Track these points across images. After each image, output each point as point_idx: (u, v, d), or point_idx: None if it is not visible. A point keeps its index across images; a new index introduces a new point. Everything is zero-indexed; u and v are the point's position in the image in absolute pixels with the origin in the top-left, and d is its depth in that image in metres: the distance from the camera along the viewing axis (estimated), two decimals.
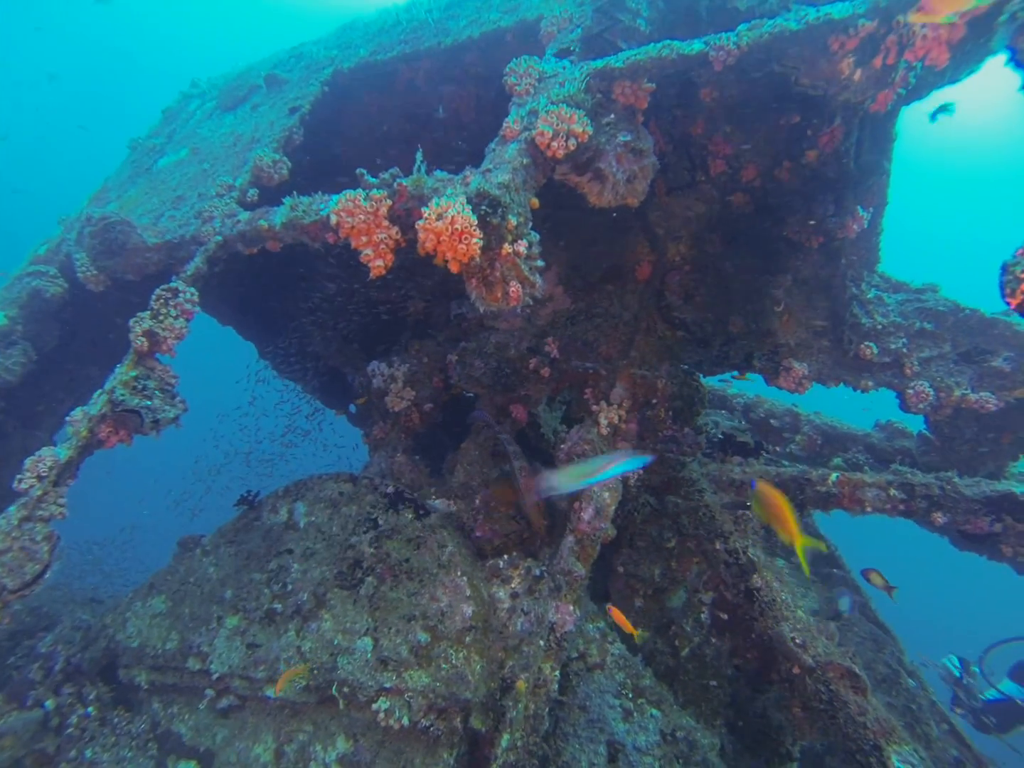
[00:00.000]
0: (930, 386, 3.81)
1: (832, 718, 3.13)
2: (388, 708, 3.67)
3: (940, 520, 3.40)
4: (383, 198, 3.08)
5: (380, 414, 5.26)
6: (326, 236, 3.43)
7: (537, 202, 3.04)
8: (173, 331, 3.62)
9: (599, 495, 3.89)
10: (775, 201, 4.07)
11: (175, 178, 5.18)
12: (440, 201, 2.75)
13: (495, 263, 2.86)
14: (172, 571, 4.77)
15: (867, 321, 3.82)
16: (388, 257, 3.13)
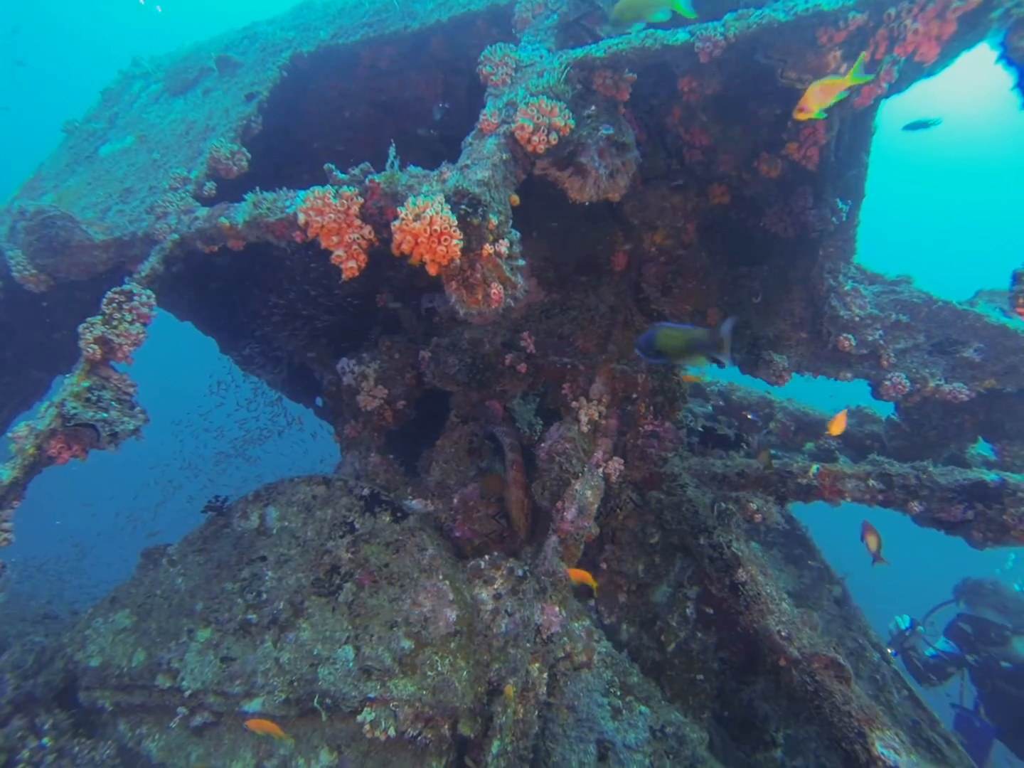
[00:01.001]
0: (907, 377, 3.87)
1: (817, 707, 3.18)
2: (373, 719, 3.58)
3: (916, 509, 3.48)
4: (354, 195, 2.91)
5: (351, 412, 5.09)
6: (293, 235, 3.25)
7: (517, 199, 2.92)
8: (129, 337, 3.40)
9: (582, 493, 3.84)
10: (752, 192, 4.04)
11: (121, 168, 4.85)
12: (417, 200, 2.61)
13: (476, 264, 2.74)
14: (136, 583, 4.56)
15: (845, 313, 3.84)
16: (361, 258, 2.97)
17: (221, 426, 11.29)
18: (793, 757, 3.53)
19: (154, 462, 12.66)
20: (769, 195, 3.93)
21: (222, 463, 11.59)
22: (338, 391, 5.14)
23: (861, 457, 5.36)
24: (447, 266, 2.67)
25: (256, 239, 3.44)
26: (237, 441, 10.71)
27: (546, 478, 3.95)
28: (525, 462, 5.52)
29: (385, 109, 5.51)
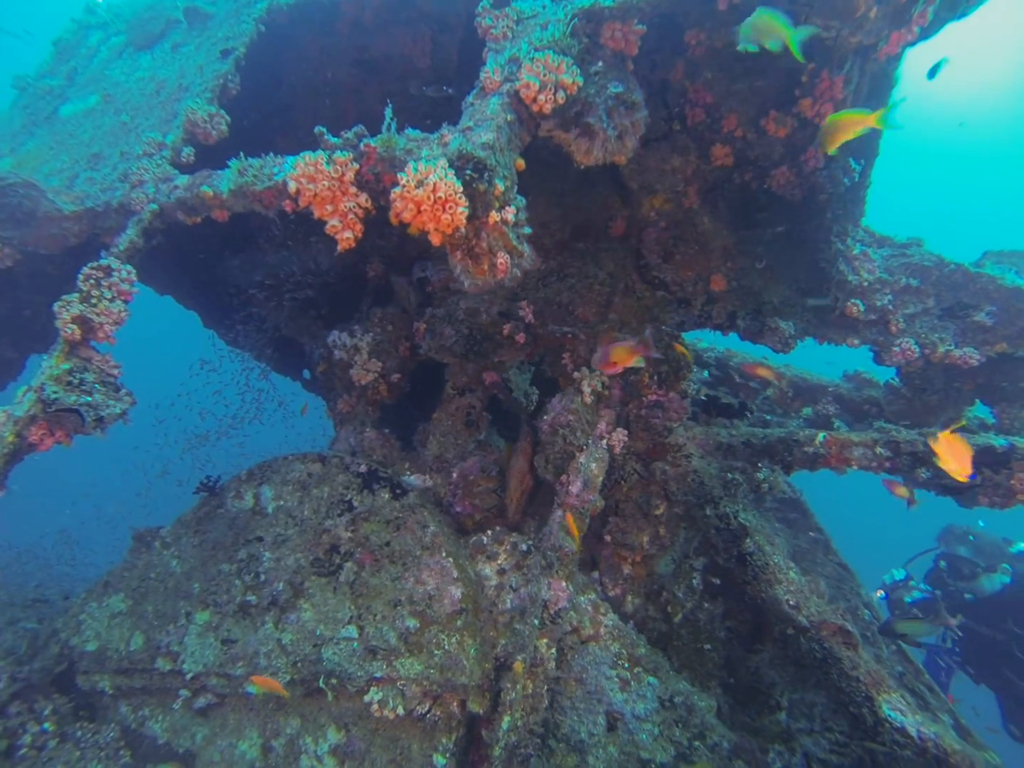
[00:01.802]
0: (916, 343, 3.81)
1: (826, 673, 3.20)
2: (381, 698, 3.55)
3: (923, 476, 3.46)
4: (348, 161, 2.72)
5: (344, 387, 4.95)
6: (282, 204, 3.06)
7: (523, 163, 2.75)
8: (110, 316, 3.21)
9: (586, 466, 3.78)
10: (758, 153, 3.88)
11: (87, 131, 4.52)
12: (419, 165, 2.44)
13: (481, 233, 2.59)
14: (129, 567, 4.45)
15: (854, 278, 3.75)
16: (357, 228, 2.80)
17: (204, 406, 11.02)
18: (797, 720, 3.57)
19: (137, 444, 12.37)
20: (775, 156, 3.78)
21: (205, 445, 11.35)
22: (329, 365, 4.98)
23: (859, 422, 5.36)
24: (452, 235, 2.51)
25: (242, 209, 3.23)
26: (224, 420, 10.46)
27: (549, 451, 3.87)
28: (510, 426, 5.43)
29: (369, 69, 5.21)
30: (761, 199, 4.11)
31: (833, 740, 3.05)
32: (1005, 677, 6.22)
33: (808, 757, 3.05)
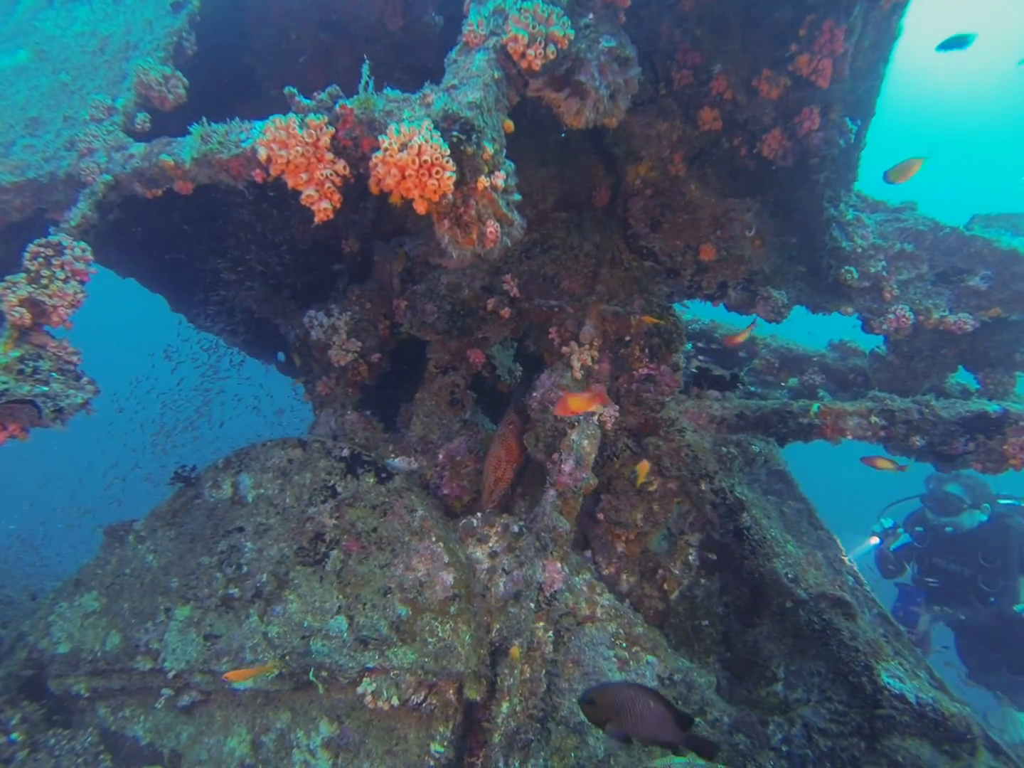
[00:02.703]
0: (910, 309, 3.76)
1: (824, 644, 3.18)
2: (375, 689, 3.44)
3: (918, 443, 3.44)
4: (323, 124, 2.51)
5: (322, 368, 4.74)
6: (252, 173, 2.82)
7: (512, 125, 2.57)
8: (64, 298, 2.96)
9: (578, 444, 3.67)
10: (747, 116, 3.73)
11: (20, 92, 4.13)
12: (401, 127, 2.24)
13: (470, 200, 2.41)
14: (102, 563, 4.24)
15: (847, 244, 3.66)
16: (335, 197, 2.60)
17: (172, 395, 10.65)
18: (794, 690, 3.57)
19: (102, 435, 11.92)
20: (766, 119, 3.64)
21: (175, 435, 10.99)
22: (306, 346, 4.76)
23: (844, 391, 5.35)
24: (438, 203, 2.33)
25: (208, 180, 2.99)
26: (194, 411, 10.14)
27: (539, 429, 3.75)
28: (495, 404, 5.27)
29: (338, 32, 4.90)
30: (750, 165, 3.99)
31: (833, 710, 3.04)
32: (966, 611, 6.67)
33: (808, 727, 3.04)
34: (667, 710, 2.50)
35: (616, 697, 2.55)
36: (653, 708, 2.51)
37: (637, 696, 2.54)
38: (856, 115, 3.32)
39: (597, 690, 2.63)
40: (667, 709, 2.50)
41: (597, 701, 2.57)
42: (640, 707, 2.51)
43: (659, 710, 2.51)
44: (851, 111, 3.27)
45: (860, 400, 3.68)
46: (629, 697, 2.54)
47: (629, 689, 2.61)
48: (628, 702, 2.52)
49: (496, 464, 4.04)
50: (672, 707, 2.52)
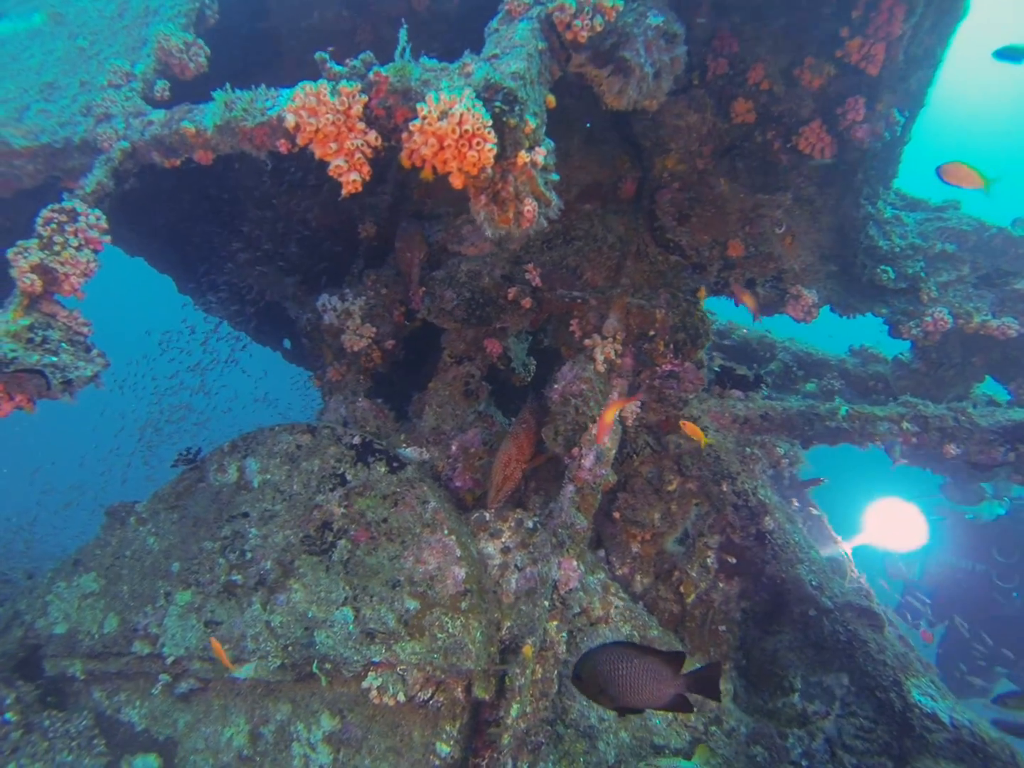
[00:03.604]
0: (949, 312, 3.65)
1: (850, 656, 3.08)
2: (381, 684, 3.34)
3: (953, 452, 3.33)
4: (356, 92, 2.40)
5: (333, 354, 4.63)
6: (276, 143, 2.71)
7: (554, 100, 2.46)
8: (77, 266, 2.85)
9: None
10: (784, 108, 3.63)
11: (34, 55, 4.00)
12: (441, 95, 2.13)
13: (508, 176, 2.30)
14: (102, 544, 4.13)
15: (884, 244, 3.55)
16: (365, 169, 2.49)
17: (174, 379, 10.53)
18: (811, 701, 3.47)
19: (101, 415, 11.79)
20: (804, 112, 3.53)
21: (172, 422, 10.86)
22: (317, 331, 4.65)
23: (862, 398, 5.24)
24: (476, 177, 2.22)
25: (230, 149, 2.88)
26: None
27: (559, 422, 3.64)
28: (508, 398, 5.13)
29: (360, 9, 4.80)
30: (783, 160, 3.88)
31: (858, 725, 2.94)
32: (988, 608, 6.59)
33: (831, 742, 2.94)
34: (653, 660, 2.23)
35: (599, 666, 2.27)
36: (638, 666, 2.22)
37: (619, 660, 2.25)
38: (905, 106, 3.18)
39: (583, 661, 2.33)
40: (652, 659, 2.23)
41: (582, 675, 2.31)
42: (624, 671, 2.23)
43: (645, 665, 2.23)
44: (900, 102, 3.14)
45: (891, 405, 3.58)
46: (611, 663, 2.25)
47: (610, 652, 2.31)
48: (611, 670, 2.24)
49: (506, 462, 3.89)
50: (657, 652, 2.26)
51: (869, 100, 3.11)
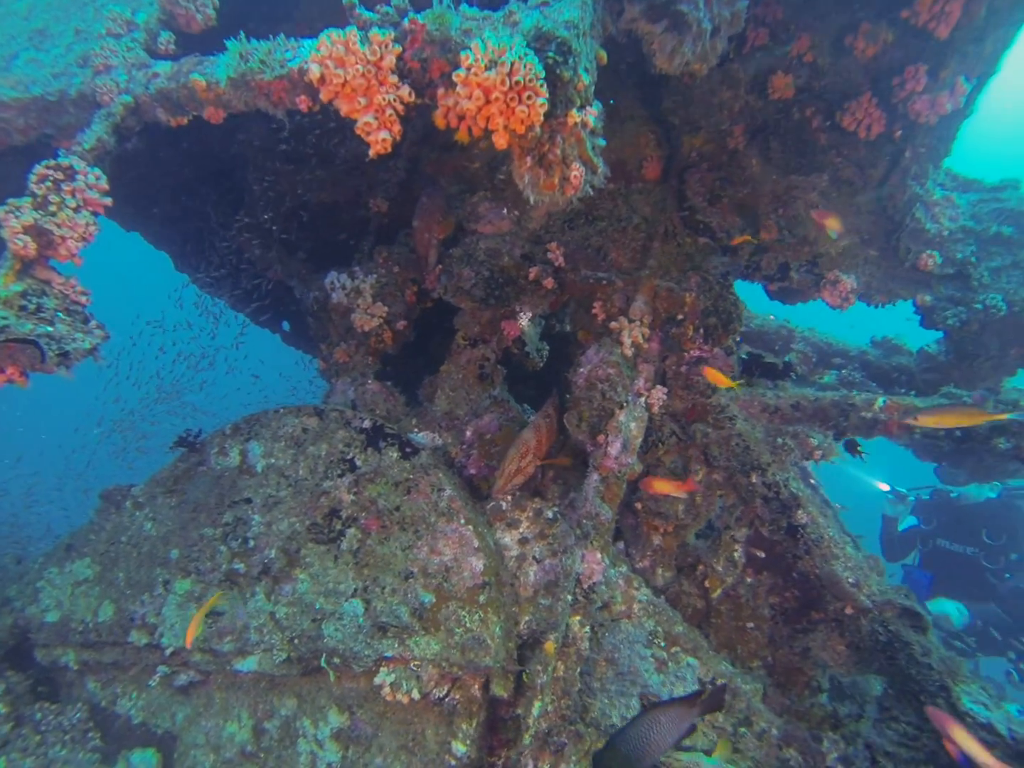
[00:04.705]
0: (1003, 300, 3.49)
1: (891, 659, 2.95)
2: (394, 680, 3.17)
3: (1001, 445, 3.19)
4: (388, 41, 2.18)
5: (341, 334, 4.42)
6: (296, 99, 2.49)
7: (605, 56, 2.26)
8: (75, 229, 2.62)
9: (626, 426, 3.39)
10: (828, 82, 3.44)
11: (21, 1, 3.75)
12: (488, 44, 1.93)
13: (556, 137, 2.10)
14: (96, 529, 3.93)
15: (932, 226, 3.38)
16: (396, 127, 2.28)
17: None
18: (842, 703, 3.34)
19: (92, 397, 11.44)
20: (850, 85, 3.35)
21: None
22: (324, 310, 4.43)
23: (886, 390, 5.10)
24: (523, 136, 2.02)
25: (244, 106, 2.65)
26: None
27: (584, 408, 3.46)
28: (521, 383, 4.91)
29: None
30: (821, 139, 3.69)
31: (900, 731, 2.81)
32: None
33: (871, 748, 2.81)
34: (670, 710, 2.32)
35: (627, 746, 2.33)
36: (663, 723, 2.32)
37: (642, 731, 2.33)
38: (973, 72, 2.92)
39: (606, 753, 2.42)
40: (668, 709, 2.32)
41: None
42: (649, 741, 2.31)
43: (665, 719, 2.32)
44: (969, 68, 2.89)
45: (934, 397, 3.43)
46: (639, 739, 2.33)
47: (632, 731, 2.38)
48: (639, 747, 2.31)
49: (524, 453, 3.62)
50: (670, 704, 2.34)
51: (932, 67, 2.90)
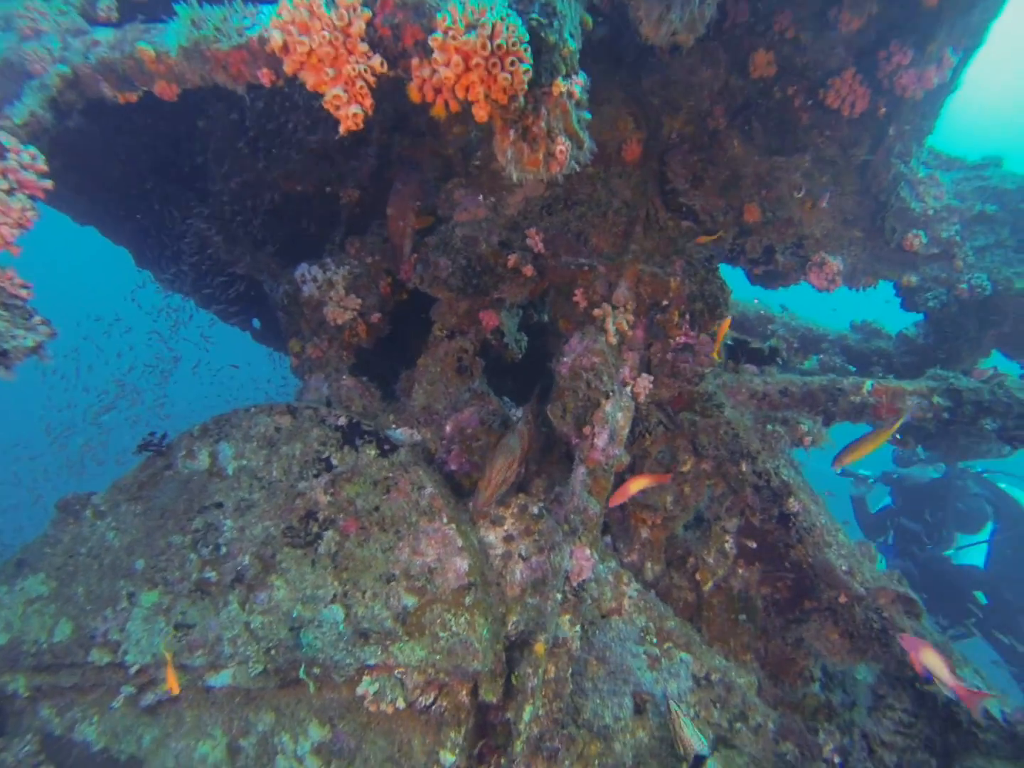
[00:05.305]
0: (987, 279, 3.46)
1: (885, 646, 2.89)
2: (377, 690, 3.02)
3: (988, 427, 3.16)
4: (356, 5, 2.01)
5: (313, 328, 4.22)
6: (257, 72, 2.30)
7: (591, 21, 2.13)
8: (9, 214, 2.39)
9: (613, 416, 3.27)
10: (810, 58, 3.36)
11: None
12: (467, 5, 1.77)
13: (541, 108, 1.96)
14: (51, 542, 3.68)
15: (917, 205, 3.33)
16: (367, 101, 2.11)
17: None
18: (833, 692, 3.29)
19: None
20: (833, 61, 3.27)
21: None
22: (295, 304, 4.23)
23: (866, 374, 5.09)
24: (505, 107, 1.87)
25: (199, 80, 2.44)
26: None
27: (568, 399, 3.33)
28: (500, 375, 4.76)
29: None
30: (803, 118, 3.62)
31: (896, 719, 2.77)
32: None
33: (868, 737, 2.76)
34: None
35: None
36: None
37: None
38: (960, 45, 2.86)
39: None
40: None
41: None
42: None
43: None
44: (956, 39, 2.81)
45: (920, 379, 3.40)
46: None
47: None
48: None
49: (511, 463, 3.41)
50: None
51: (919, 40, 2.83)
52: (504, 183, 4.23)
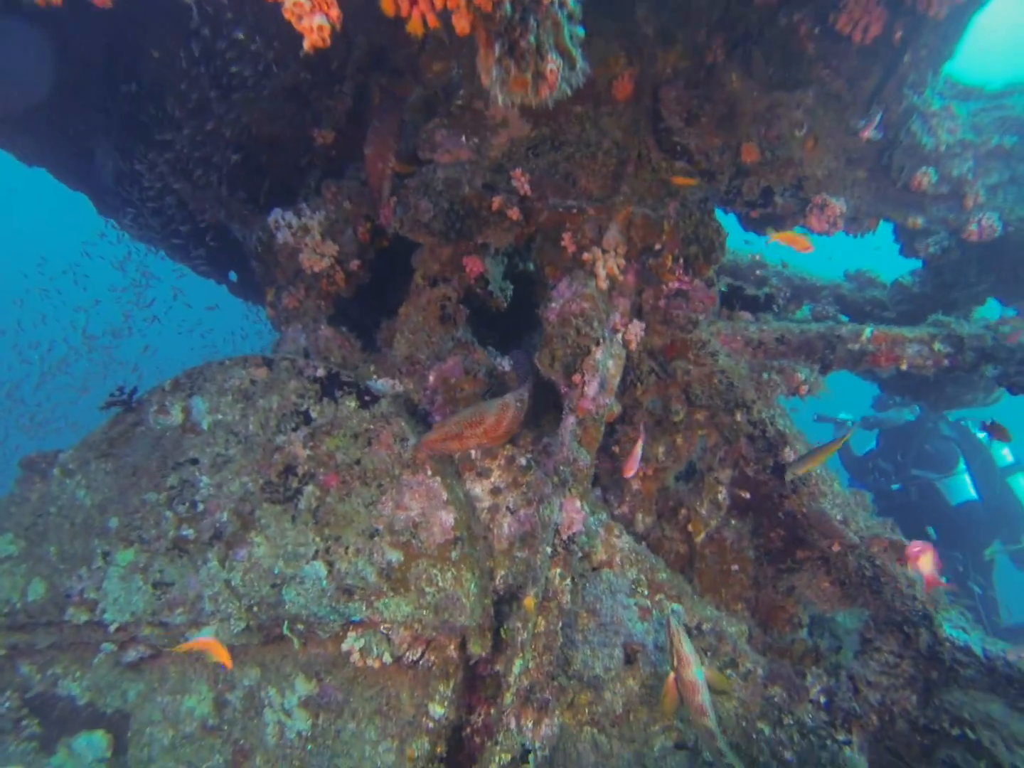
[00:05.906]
0: (999, 218, 3.31)
1: (876, 592, 2.87)
2: (363, 646, 2.96)
3: (990, 372, 3.09)
4: None
5: (289, 277, 4.02)
6: None
7: None
8: None
9: (603, 364, 3.15)
10: None
11: None
12: None
13: (529, 20, 1.77)
14: (18, 501, 3.53)
15: (929, 140, 3.14)
16: (334, 12, 1.89)
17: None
18: (821, 636, 3.30)
19: None
20: None
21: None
22: (270, 252, 4.01)
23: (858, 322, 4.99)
24: (491, 15, 1.68)
25: None
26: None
27: (557, 346, 3.20)
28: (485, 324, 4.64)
29: None
30: (809, 48, 3.40)
31: (882, 661, 2.76)
32: None
33: (854, 679, 2.76)
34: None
35: None
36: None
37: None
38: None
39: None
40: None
41: None
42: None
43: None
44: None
45: (920, 325, 3.29)
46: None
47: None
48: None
49: (473, 424, 3.07)
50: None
51: None
52: (488, 123, 4.00)
